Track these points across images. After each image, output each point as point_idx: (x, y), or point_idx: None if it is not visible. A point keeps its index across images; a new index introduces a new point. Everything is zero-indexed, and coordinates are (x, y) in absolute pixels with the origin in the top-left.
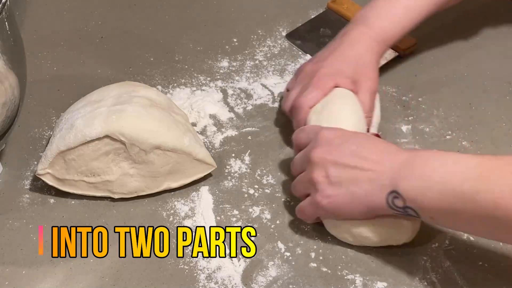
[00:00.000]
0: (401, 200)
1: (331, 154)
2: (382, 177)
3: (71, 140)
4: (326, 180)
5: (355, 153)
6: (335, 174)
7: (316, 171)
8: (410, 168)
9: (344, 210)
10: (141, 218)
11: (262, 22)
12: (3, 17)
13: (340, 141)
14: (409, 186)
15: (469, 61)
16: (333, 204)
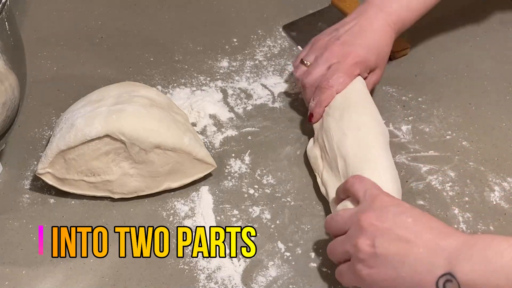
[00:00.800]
0: (455, 284)
1: (383, 222)
2: (435, 258)
3: (71, 140)
4: (371, 250)
5: (410, 227)
6: (383, 245)
7: (362, 237)
8: (470, 250)
9: (383, 285)
10: (141, 218)
11: (262, 22)
12: (3, 17)
13: (396, 211)
14: (468, 269)
15: (469, 61)
16: (373, 277)
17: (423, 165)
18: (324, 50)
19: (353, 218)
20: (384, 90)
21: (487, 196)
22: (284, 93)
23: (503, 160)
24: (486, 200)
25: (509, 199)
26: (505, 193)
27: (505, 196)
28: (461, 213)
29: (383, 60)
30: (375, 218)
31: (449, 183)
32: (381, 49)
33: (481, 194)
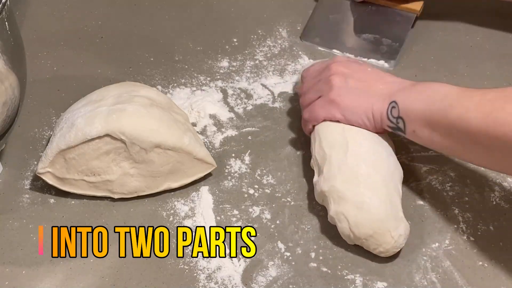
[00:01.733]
0: (397, 110)
1: (349, 68)
2: (390, 92)
3: (71, 139)
4: (344, 84)
5: (372, 73)
6: (353, 83)
7: (335, 76)
8: (413, 86)
9: (352, 110)
10: (141, 218)
11: (262, 22)
12: (3, 17)
13: (357, 63)
14: (405, 98)
15: (469, 61)
16: (344, 102)
17: (423, 165)
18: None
19: (324, 68)
20: None
21: (487, 196)
22: (284, 93)
23: None
24: (486, 200)
25: (509, 199)
26: (505, 193)
27: (505, 196)
28: (461, 213)
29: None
30: (342, 66)
31: (449, 183)
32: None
33: (481, 194)
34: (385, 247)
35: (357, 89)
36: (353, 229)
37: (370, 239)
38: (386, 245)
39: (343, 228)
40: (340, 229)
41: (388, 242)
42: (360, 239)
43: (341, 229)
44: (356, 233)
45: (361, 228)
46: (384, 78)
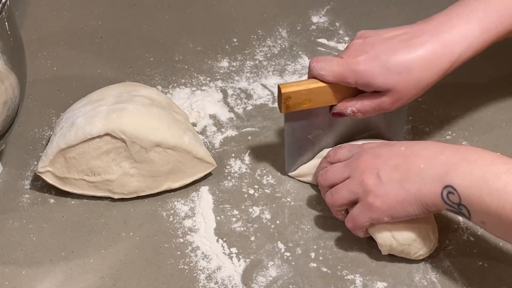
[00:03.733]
0: (457, 196)
1: (380, 158)
2: (436, 171)
3: (71, 138)
4: (378, 181)
5: (405, 152)
6: (386, 174)
7: (366, 175)
8: (470, 165)
9: (398, 208)
10: (141, 218)
11: (262, 22)
12: (3, 17)
13: (387, 146)
14: (467, 185)
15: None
16: (386, 203)
17: None
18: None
19: (350, 165)
20: None
21: None
22: None
23: None
24: None
25: None
26: None
27: None
28: None
29: None
30: (370, 157)
31: None
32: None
33: None
34: (426, 249)
35: (395, 181)
36: (396, 236)
37: (414, 243)
38: (427, 247)
39: (384, 238)
40: (380, 239)
41: (429, 243)
42: (403, 245)
43: (382, 239)
44: (400, 239)
45: (405, 234)
46: (419, 153)
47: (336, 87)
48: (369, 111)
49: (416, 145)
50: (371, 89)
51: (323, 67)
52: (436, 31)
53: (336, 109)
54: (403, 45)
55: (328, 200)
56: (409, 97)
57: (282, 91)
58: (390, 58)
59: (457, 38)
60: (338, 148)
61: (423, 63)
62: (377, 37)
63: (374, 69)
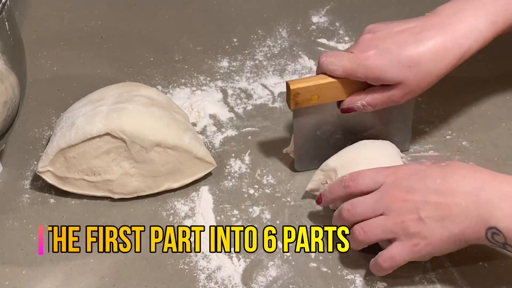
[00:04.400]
0: (502, 237)
1: (415, 193)
2: (479, 211)
3: (71, 138)
4: (420, 223)
5: (442, 188)
6: (428, 214)
7: (406, 215)
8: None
9: (442, 247)
10: (141, 218)
11: (262, 22)
12: (3, 17)
13: (419, 177)
14: (509, 223)
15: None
16: (431, 244)
17: None
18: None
19: (383, 201)
20: None
21: None
22: (284, 93)
23: (503, 160)
24: None
25: None
26: None
27: None
28: None
29: None
30: (405, 193)
31: None
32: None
33: None
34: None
35: (438, 221)
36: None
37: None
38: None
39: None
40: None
41: None
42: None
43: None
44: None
45: None
46: (459, 189)
47: (345, 82)
48: (379, 104)
49: (452, 177)
50: (381, 83)
51: (333, 62)
52: (445, 24)
53: (345, 104)
54: (412, 38)
55: (360, 236)
56: (418, 90)
57: (291, 87)
58: (400, 52)
59: (465, 31)
60: (357, 175)
61: (433, 57)
62: (386, 31)
63: (384, 63)
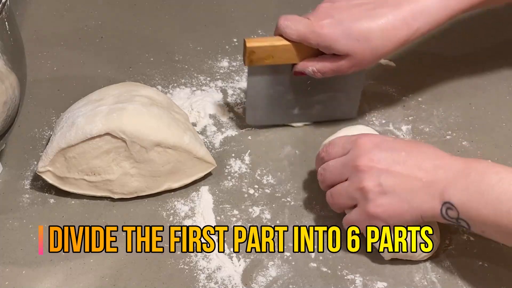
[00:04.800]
0: (455, 212)
1: (380, 162)
2: (437, 187)
3: (71, 137)
4: (379, 189)
5: (406, 161)
6: (389, 183)
7: (366, 180)
8: (465, 181)
9: (398, 218)
10: (141, 218)
11: (262, 22)
12: (3, 17)
13: (386, 147)
14: (463, 199)
15: (469, 61)
16: (387, 213)
17: None
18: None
19: (347, 166)
20: (384, 90)
21: None
22: None
23: (503, 160)
24: None
25: None
26: None
27: None
28: None
29: None
30: (369, 160)
31: None
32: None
33: None
34: (430, 249)
35: (397, 192)
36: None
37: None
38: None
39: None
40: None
41: (432, 243)
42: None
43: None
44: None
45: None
46: (422, 163)
47: (299, 46)
48: (328, 72)
49: (416, 153)
50: (331, 51)
51: (289, 26)
52: (398, 4)
53: (297, 68)
54: (366, 14)
55: (329, 201)
56: (365, 64)
57: (247, 45)
58: (352, 25)
59: (416, 12)
60: (329, 145)
61: (381, 34)
62: (345, 2)
63: (336, 34)
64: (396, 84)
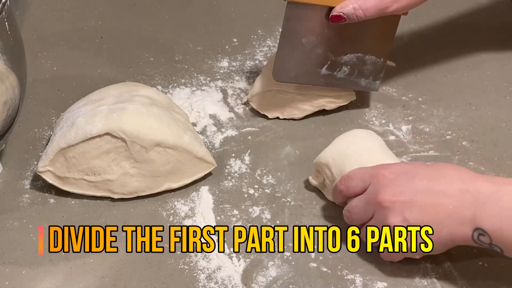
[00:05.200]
0: (488, 238)
1: (403, 195)
2: (465, 213)
3: (71, 137)
4: (405, 224)
5: (429, 188)
6: (414, 217)
7: (391, 217)
8: (495, 205)
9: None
10: (141, 218)
11: (262, 22)
12: (3, 17)
13: (407, 178)
14: (496, 226)
15: (469, 61)
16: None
17: None
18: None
19: (371, 204)
20: (384, 90)
21: None
22: None
23: (503, 160)
24: None
25: None
26: None
27: None
28: None
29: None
30: (391, 194)
31: None
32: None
33: None
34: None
35: (424, 223)
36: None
37: None
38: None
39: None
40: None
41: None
42: None
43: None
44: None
45: None
46: (447, 189)
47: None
48: (370, 8)
49: (439, 179)
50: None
51: None
52: None
53: (337, 8)
54: None
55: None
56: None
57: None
58: None
59: None
60: (348, 178)
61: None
62: None
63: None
64: (396, 84)
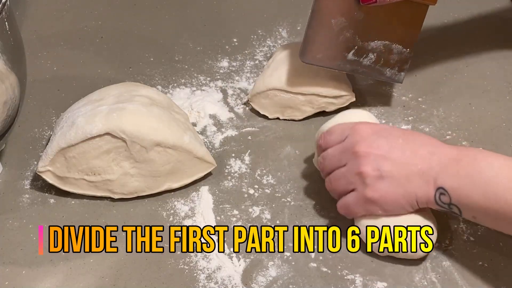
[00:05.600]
0: (447, 197)
1: (378, 149)
2: (431, 173)
3: (71, 137)
4: (377, 174)
5: (403, 147)
6: (386, 169)
7: (364, 165)
8: (457, 166)
9: (394, 203)
10: (141, 218)
11: (262, 22)
12: (3, 17)
13: (384, 134)
14: (455, 185)
15: (469, 61)
16: (384, 197)
17: None
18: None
19: (346, 152)
20: (384, 90)
21: None
22: None
23: None
24: None
25: None
26: None
27: None
28: None
29: None
30: (367, 146)
31: None
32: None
33: None
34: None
35: (394, 177)
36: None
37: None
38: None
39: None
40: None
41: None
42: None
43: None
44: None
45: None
46: (418, 150)
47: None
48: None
49: (413, 140)
50: None
51: None
52: None
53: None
54: None
55: (328, 187)
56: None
57: None
58: None
59: None
60: (327, 133)
61: None
62: None
63: None
64: (396, 84)
